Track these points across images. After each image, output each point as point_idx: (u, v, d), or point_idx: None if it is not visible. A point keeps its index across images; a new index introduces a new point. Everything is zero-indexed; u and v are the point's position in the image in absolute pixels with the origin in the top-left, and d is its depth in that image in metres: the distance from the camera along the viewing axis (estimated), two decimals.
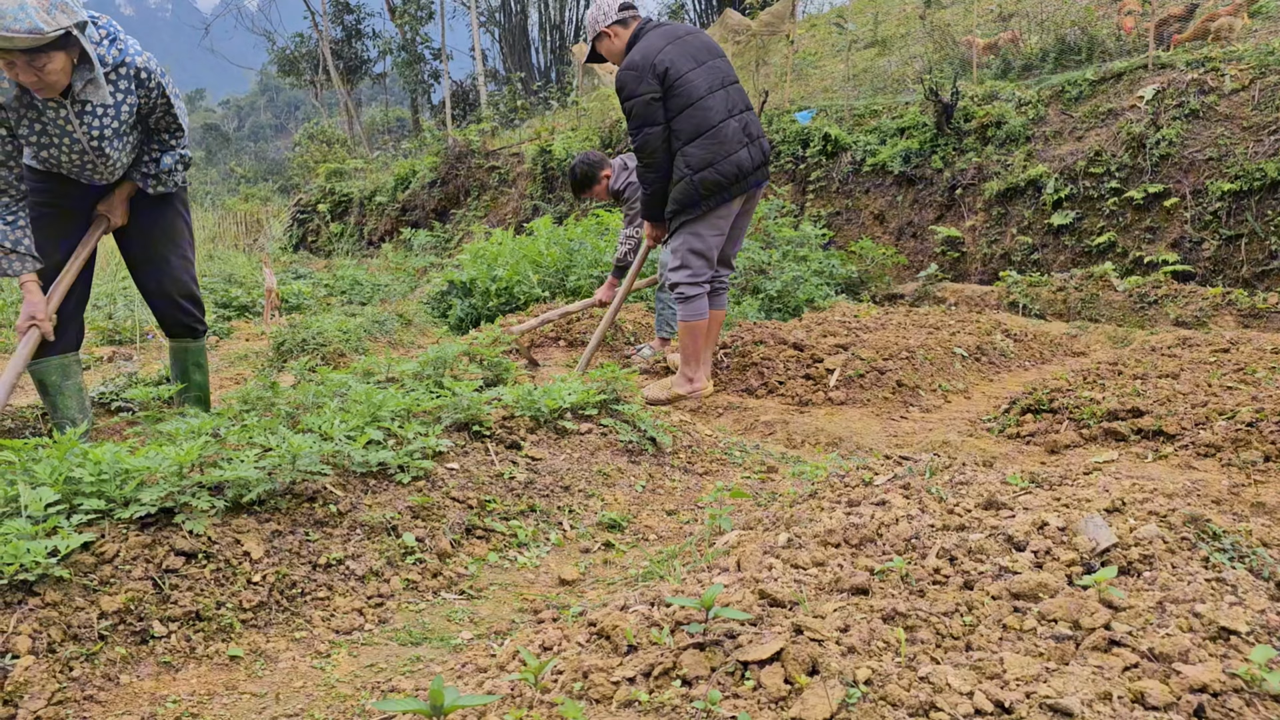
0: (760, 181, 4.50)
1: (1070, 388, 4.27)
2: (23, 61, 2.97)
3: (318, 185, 19.71)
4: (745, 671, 1.45)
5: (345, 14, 31.34)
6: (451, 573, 2.48)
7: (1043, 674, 1.42)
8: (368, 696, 1.86)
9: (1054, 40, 10.99)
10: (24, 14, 2.87)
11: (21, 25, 2.87)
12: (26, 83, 3.05)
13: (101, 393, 4.50)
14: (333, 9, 31.07)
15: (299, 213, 19.65)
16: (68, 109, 3.25)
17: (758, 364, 5.15)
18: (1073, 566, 1.77)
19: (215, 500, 2.34)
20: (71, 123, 3.28)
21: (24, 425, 4.01)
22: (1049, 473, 2.44)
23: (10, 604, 1.91)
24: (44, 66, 3.01)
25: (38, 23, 2.89)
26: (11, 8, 2.87)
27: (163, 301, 3.84)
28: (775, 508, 2.61)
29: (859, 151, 10.52)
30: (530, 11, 32.37)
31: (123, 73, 3.31)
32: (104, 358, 6.99)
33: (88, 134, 3.32)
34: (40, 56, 2.98)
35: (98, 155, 3.40)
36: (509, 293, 7.58)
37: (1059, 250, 8.81)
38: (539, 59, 32.75)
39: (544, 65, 32.48)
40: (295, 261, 16.52)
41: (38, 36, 2.90)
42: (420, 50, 30.48)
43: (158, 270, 3.79)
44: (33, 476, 2.26)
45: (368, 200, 17.89)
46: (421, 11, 29.32)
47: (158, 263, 3.78)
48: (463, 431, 3.22)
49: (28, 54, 2.96)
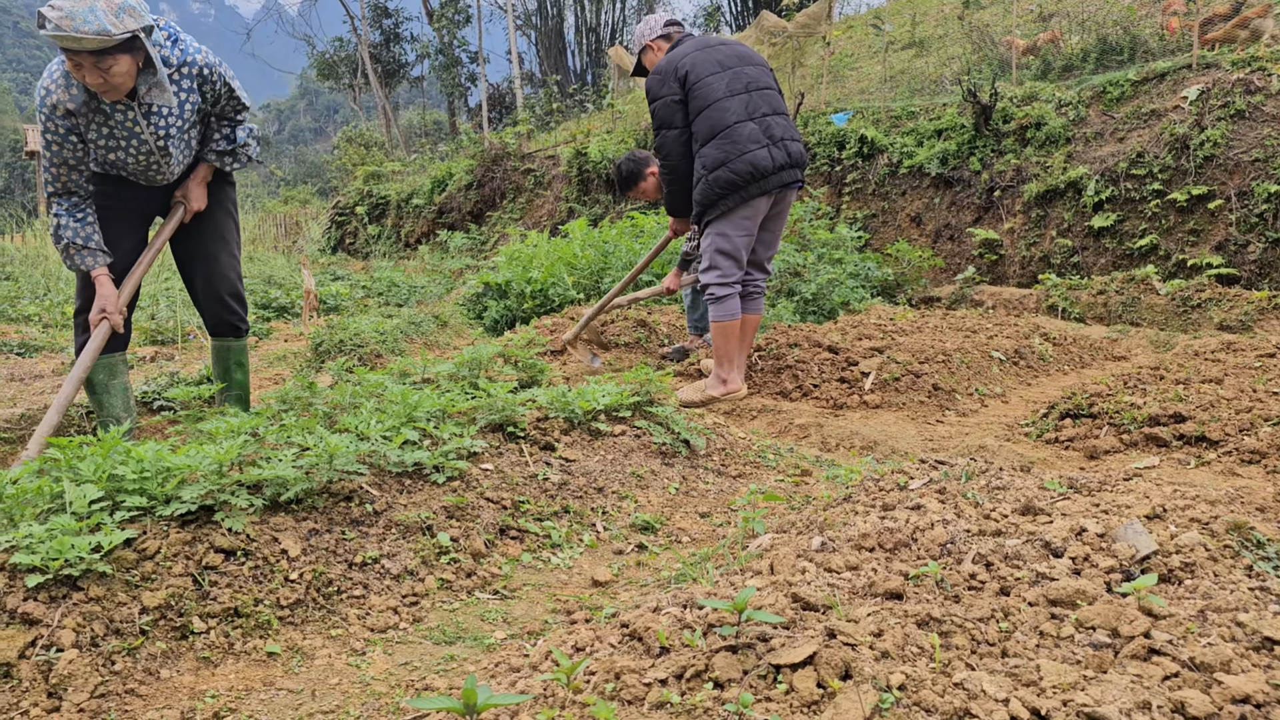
0: (789, 184, 4.48)
1: (1110, 392, 4.21)
2: (90, 63, 3.05)
3: (356, 188, 19.92)
4: (778, 675, 1.45)
5: (384, 18, 31.67)
6: (485, 573, 2.49)
7: (1080, 682, 1.40)
8: (402, 694, 1.87)
9: (1095, 40, 10.84)
10: (93, 16, 2.95)
11: (90, 27, 2.95)
12: (93, 84, 3.13)
13: (144, 392, 4.58)
14: (371, 13, 31.40)
15: (337, 215, 19.87)
16: (135, 111, 3.33)
17: (792, 367, 5.13)
18: (1112, 573, 1.75)
19: (254, 499, 2.37)
20: (139, 124, 3.36)
21: (69, 423, 4.09)
22: (1088, 478, 2.40)
23: (55, 598, 1.94)
24: (110, 68, 3.09)
25: (106, 25, 2.97)
26: (81, 10, 2.95)
27: (210, 299, 3.91)
28: (809, 511, 2.60)
29: (896, 153, 10.44)
30: (566, 14, 32.51)
31: (185, 72, 3.40)
32: (147, 357, 7.11)
33: (154, 134, 3.41)
34: (107, 58, 3.06)
35: (162, 155, 3.49)
36: (544, 295, 7.61)
37: (1099, 253, 8.69)
38: (575, 62, 32.86)
39: (580, 68, 32.59)
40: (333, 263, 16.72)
41: (105, 38, 2.98)
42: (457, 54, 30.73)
43: (207, 268, 3.85)
44: (78, 474, 2.30)
45: (405, 203, 18.05)
46: (459, 15, 29.55)
47: (208, 260, 3.85)
48: (497, 432, 3.24)
49: (95, 55, 3.04)
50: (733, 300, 4.56)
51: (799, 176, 4.51)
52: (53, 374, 6.21)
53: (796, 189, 4.62)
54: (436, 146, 24.78)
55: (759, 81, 4.51)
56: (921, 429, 4.30)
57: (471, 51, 31.00)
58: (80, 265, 3.47)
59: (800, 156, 4.50)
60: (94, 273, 3.46)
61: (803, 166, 4.54)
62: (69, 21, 2.94)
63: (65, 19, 2.94)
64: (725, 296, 4.55)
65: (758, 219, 4.51)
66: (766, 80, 4.56)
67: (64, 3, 2.97)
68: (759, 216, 4.51)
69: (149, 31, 3.14)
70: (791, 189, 4.57)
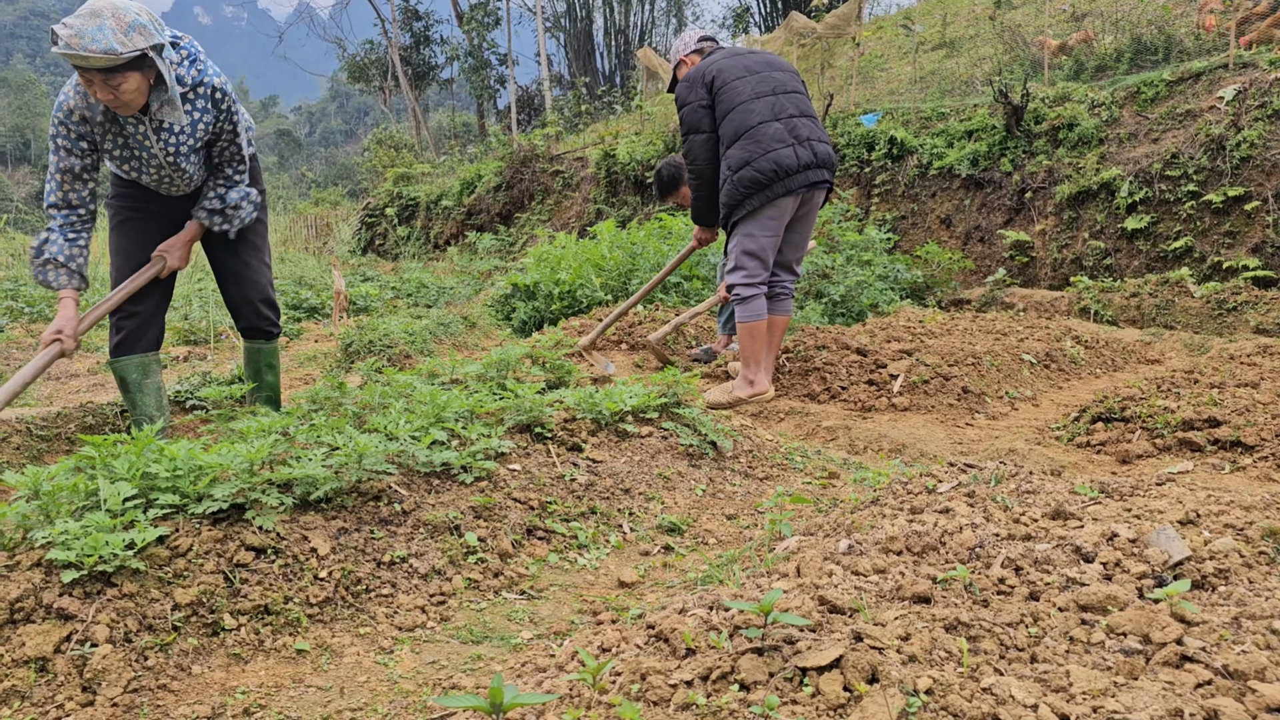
0: (816, 184, 4.45)
1: (1143, 396, 4.16)
2: (100, 80, 3.10)
3: (385, 189, 20.07)
4: (804, 678, 1.45)
5: (414, 21, 31.88)
6: (512, 573, 2.50)
7: (1111, 688, 1.39)
8: (429, 693, 1.88)
9: (1129, 40, 10.72)
10: (101, 35, 2.99)
11: (98, 46, 2.99)
12: (104, 100, 3.17)
13: (177, 391, 4.64)
14: (402, 16, 31.63)
15: (367, 216, 20.02)
16: (146, 125, 3.36)
17: (820, 369, 5.11)
18: (1143, 579, 1.73)
19: (284, 497, 2.40)
20: (149, 139, 3.40)
21: (104, 422, 4.15)
22: (1120, 483, 2.38)
23: (90, 594, 1.97)
24: (120, 86, 3.12)
25: (113, 44, 3.00)
26: (90, 28, 2.99)
27: (243, 305, 3.96)
28: (836, 514, 2.59)
29: (925, 154, 10.38)
30: (595, 17, 32.58)
31: (200, 92, 3.41)
32: (180, 357, 7.20)
33: (164, 150, 3.44)
34: (116, 76, 3.10)
35: (174, 170, 3.52)
36: (572, 296, 7.63)
37: (1133, 255, 8.59)
38: (604, 63, 32.93)
39: (609, 70, 32.65)
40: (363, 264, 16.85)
41: (113, 57, 3.01)
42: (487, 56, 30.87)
43: (239, 276, 3.91)
44: (112, 471, 2.33)
45: (434, 204, 18.16)
46: (488, 18, 29.69)
47: (239, 269, 3.90)
48: (525, 433, 3.25)
49: (104, 73, 3.08)
50: (758, 301, 4.55)
51: (826, 177, 4.48)
52: (87, 373, 6.31)
53: (825, 190, 4.59)
54: (466, 148, 24.92)
55: (786, 85, 4.52)
56: (950, 432, 4.27)
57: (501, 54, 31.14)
58: (51, 282, 3.44)
59: (828, 157, 4.47)
60: (61, 293, 3.44)
61: (831, 167, 4.51)
62: (78, 40, 2.98)
63: (74, 37, 2.98)
64: (751, 297, 4.54)
65: (784, 219, 4.49)
66: (794, 84, 4.57)
67: (75, 21, 3.01)
68: (785, 217, 4.49)
69: (159, 49, 3.17)
70: (819, 190, 4.54)
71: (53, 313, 10.16)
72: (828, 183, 4.54)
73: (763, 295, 4.56)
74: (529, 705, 1.53)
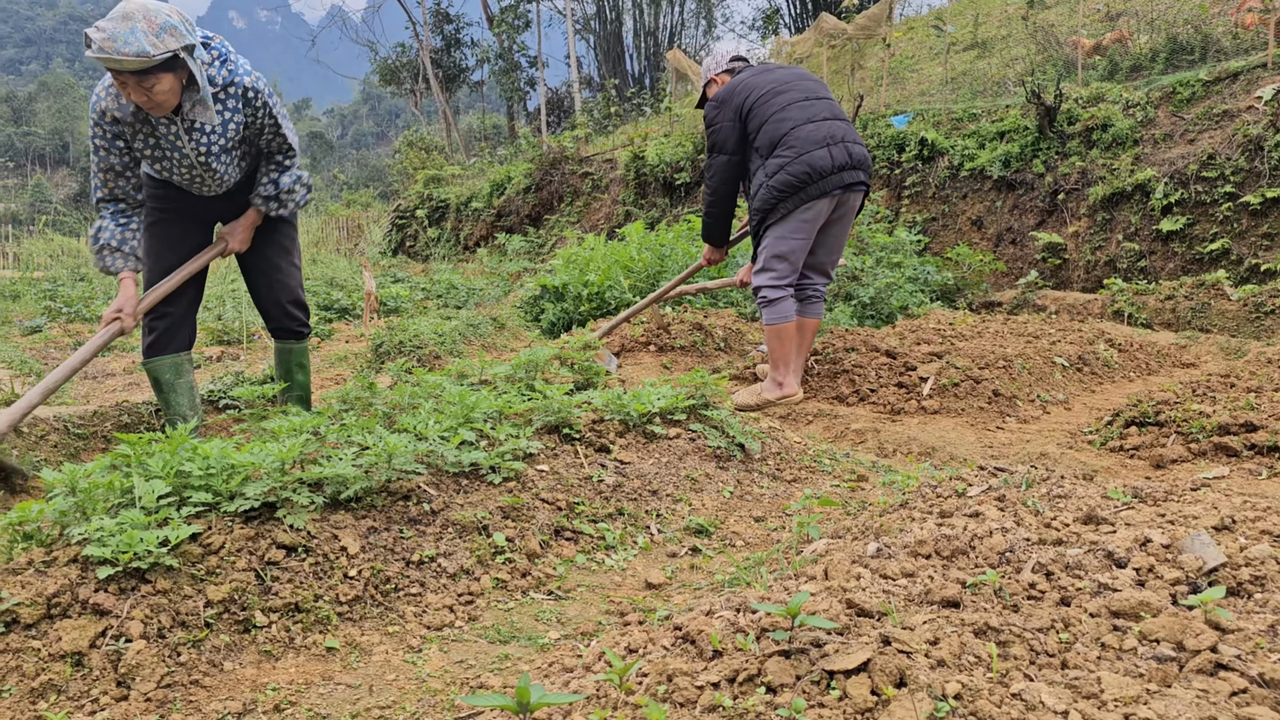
0: (851, 186, 4.43)
1: (1178, 400, 4.10)
2: (133, 82, 3.15)
3: (416, 191, 20.21)
4: (831, 681, 1.44)
5: (445, 24, 32.06)
6: (540, 573, 2.51)
7: (1143, 695, 1.37)
8: (457, 691, 1.89)
9: (1165, 40, 10.59)
10: (133, 37, 3.04)
11: (130, 49, 3.04)
12: (138, 101, 3.23)
13: (210, 390, 4.69)
14: (433, 19, 31.82)
15: (398, 218, 20.16)
16: (178, 126, 3.41)
17: (849, 371, 5.08)
18: (1177, 586, 1.70)
19: (315, 496, 2.42)
20: (181, 139, 3.45)
21: (139, 420, 4.21)
22: (1153, 488, 2.35)
23: (125, 590, 2.00)
24: (152, 87, 3.18)
25: (145, 46, 3.05)
26: (123, 32, 3.04)
27: (273, 307, 4.02)
28: (865, 517, 2.58)
29: (957, 156, 10.30)
30: (625, 19, 32.62)
31: (231, 92, 3.46)
32: (213, 357, 7.29)
33: (195, 150, 3.49)
34: (149, 78, 3.15)
35: (205, 170, 3.57)
36: (600, 298, 7.65)
37: (1168, 257, 8.48)
38: (633, 65, 32.97)
39: (638, 72, 32.69)
40: (394, 266, 16.97)
41: (145, 59, 3.06)
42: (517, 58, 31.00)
43: (269, 278, 3.97)
44: (147, 470, 2.36)
45: (464, 206, 18.26)
46: (519, 20, 29.81)
47: (269, 271, 3.96)
48: (553, 434, 3.26)
49: (137, 75, 3.13)
50: (785, 303, 4.53)
51: (862, 178, 4.45)
52: (124, 372, 6.40)
53: (861, 191, 4.55)
54: (495, 150, 25.04)
55: (816, 92, 4.53)
56: (981, 435, 4.23)
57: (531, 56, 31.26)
58: (110, 267, 3.57)
59: (862, 158, 4.45)
60: (120, 276, 3.57)
61: (866, 168, 4.48)
62: (110, 43, 3.03)
63: (107, 40, 3.04)
64: (777, 299, 4.52)
65: (817, 222, 4.47)
66: (824, 92, 4.59)
67: (107, 24, 3.07)
68: (819, 220, 4.47)
69: (191, 50, 3.22)
70: (855, 191, 4.51)
71: (90, 312, 10.31)
72: (863, 184, 4.51)
73: (790, 297, 4.54)
74: (556, 705, 1.53)
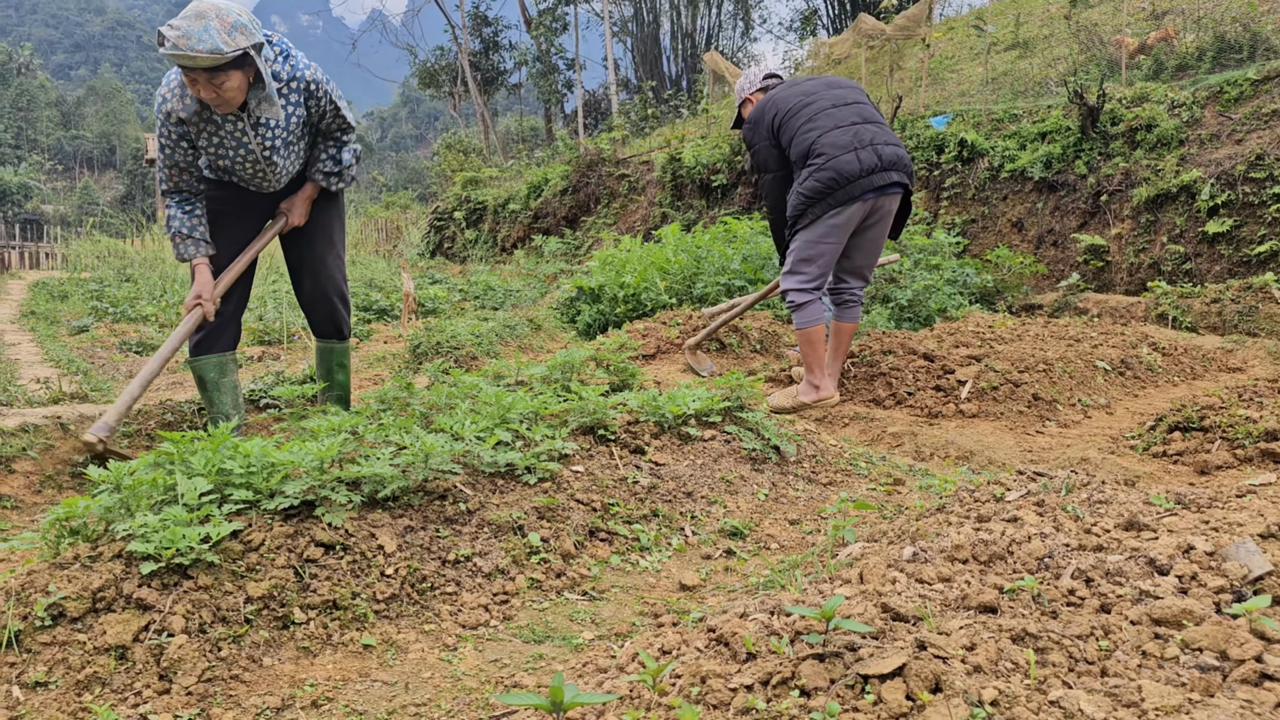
0: (881, 187, 4.37)
1: (1224, 405, 4.03)
2: (204, 78, 3.23)
3: (454, 193, 20.34)
4: (865, 685, 1.43)
5: (484, 26, 32.27)
6: (574, 573, 2.52)
7: (1185, 705, 1.35)
8: (492, 690, 1.91)
9: (1212, 38, 10.40)
10: (207, 35, 3.12)
11: (204, 45, 3.12)
12: (206, 98, 3.30)
13: (251, 390, 4.76)
14: (471, 22, 32.04)
15: (436, 220, 20.31)
16: (244, 122, 3.49)
17: (886, 374, 5.05)
18: (1221, 594, 1.67)
19: (353, 495, 2.45)
20: (247, 134, 3.53)
21: (182, 419, 4.27)
22: (1197, 494, 2.31)
23: (167, 585, 2.04)
24: (223, 84, 3.26)
25: (219, 43, 3.14)
26: (197, 29, 3.12)
27: (318, 300, 4.07)
28: (901, 521, 2.56)
29: (997, 157, 10.19)
30: (662, 21, 32.63)
31: (294, 87, 3.55)
32: (254, 357, 7.39)
33: (260, 145, 3.57)
34: (220, 75, 3.23)
35: (268, 165, 3.64)
36: (636, 299, 7.65)
37: (1214, 260, 8.33)
38: (670, 67, 32.96)
39: (675, 73, 32.68)
40: (432, 267, 17.10)
41: (218, 56, 3.14)
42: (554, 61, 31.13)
43: (314, 270, 4.02)
44: (189, 467, 2.40)
45: (501, 208, 18.35)
46: (557, 23, 29.94)
47: (315, 263, 4.01)
48: (588, 435, 3.27)
49: (209, 72, 3.21)
50: (813, 306, 4.52)
51: (896, 179, 4.39)
52: (167, 372, 6.51)
53: (895, 194, 4.48)
54: (533, 152, 25.14)
55: (845, 98, 4.50)
56: (1020, 440, 4.18)
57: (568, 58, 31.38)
58: (184, 254, 3.67)
59: (896, 159, 4.38)
60: (194, 262, 3.65)
61: (901, 169, 4.41)
62: (185, 40, 3.11)
63: (182, 38, 3.11)
64: (806, 303, 4.51)
65: (847, 227, 4.44)
66: (855, 96, 4.55)
67: (181, 23, 3.14)
68: (849, 225, 4.43)
69: (259, 48, 3.30)
70: (889, 194, 4.44)
71: (135, 312, 10.50)
72: (899, 185, 4.44)
73: (818, 300, 4.53)
74: (589, 705, 1.54)
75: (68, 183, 71.83)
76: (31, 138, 74.62)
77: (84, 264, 18.19)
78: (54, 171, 73.12)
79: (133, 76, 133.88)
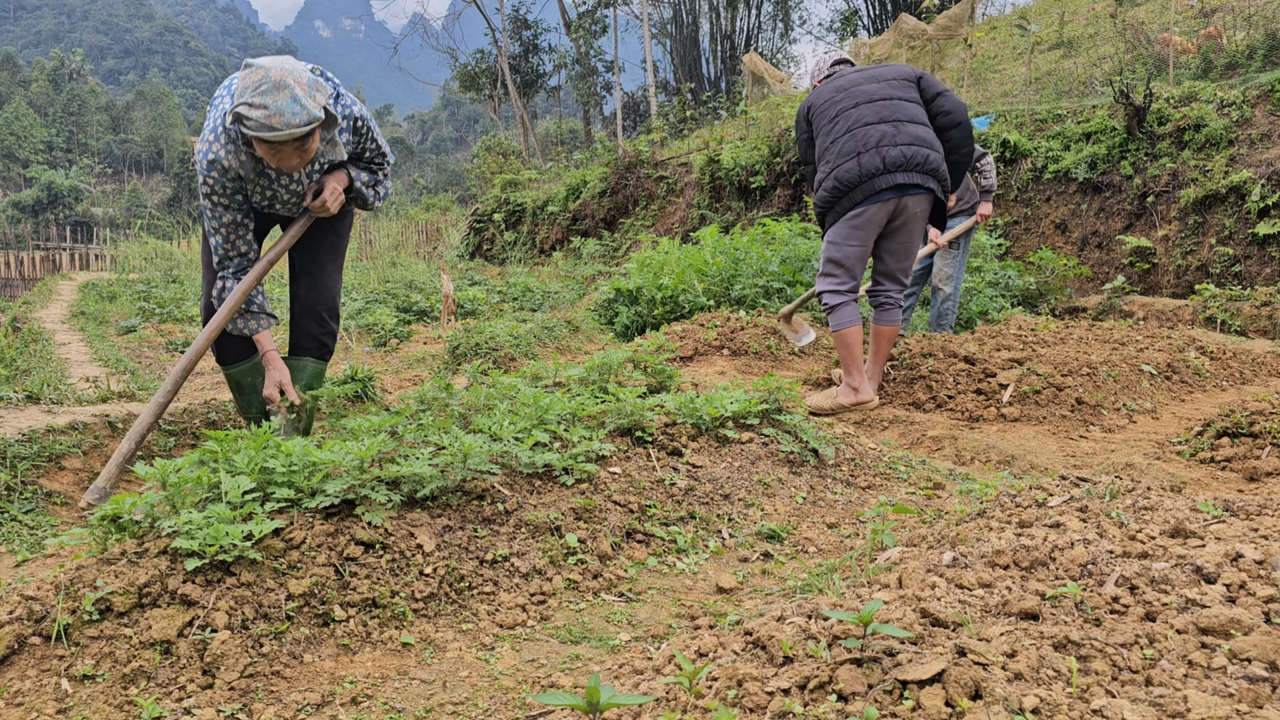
0: (905, 189, 4.32)
1: (1274, 410, 3.94)
2: (292, 148, 3.09)
3: (493, 195, 20.46)
4: (904, 691, 1.42)
5: (523, 29, 32.45)
6: (611, 575, 2.52)
7: (1232, 716, 1.32)
8: (528, 690, 1.91)
9: (1263, 36, 10.19)
10: (299, 106, 2.97)
11: (300, 118, 2.98)
12: (288, 166, 3.16)
13: None
14: (511, 25, 32.23)
15: (475, 222, 20.44)
16: (304, 168, 3.40)
17: (926, 377, 5.00)
18: (1270, 603, 1.64)
19: (392, 494, 2.47)
20: (302, 181, 3.48)
21: (226, 418, 4.34)
22: (1246, 501, 2.26)
23: (210, 582, 2.07)
24: (310, 146, 3.14)
25: (312, 110, 3.01)
26: (285, 104, 2.95)
27: (308, 311, 3.90)
28: (940, 525, 2.53)
29: (1040, 158, 10.06)
30: (701, 23, 32.61)
31: (344, 125, 3.45)
32: None
33: (309, 179, 3.52)
34: (309, 139, 3.11)
35: (304, 192, 3.58)
36: (674, 301, 7.65)
37: (1264, 262, 8.16)
38: (709, 69, 32.94)
39: (714, 75, 32.64)
40: (471, 268, 17.22)
41: (314, 122, 3.03)
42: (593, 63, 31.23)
43: (312, 278, 3.90)
44: (232, 466, 2.44)
45: (540, 210, 18.43)
46: (596, 25, 30.03)
47: (315, 272, 3.89)
48: (625, 436, 3.28)
49: (299, 140, 3.07)
50: (846, 308, 4.52)
51: (903, 180, 4.29)
52: (212, 371, 6.61)
53: (921, 194, 4.39)
54: (572, 155, 25.23)
55: (875, 94, 4.44)
56: (1063, 444, 4.12)
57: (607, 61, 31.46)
58: (244, 329, 3.58)
59: (921, 160, 4.29)
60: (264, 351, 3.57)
61: (923, 169, 4.31)
62: (279, 119, 2.95)
63: (274, 117, 2.94)
64: (839, 305, 4.53)
65: (869, 228, 4.42)
66: (887, 91, 4.45)
67: (263, 99, 2.95)
68: (871, 225, 4.41)
69: (332, 98, 3.22)
70: (912, 194, 4.36)
71: (181, 313, 10.67)
72: (921, 188, 4.35)
73: (852, 302, 4.53)
74: (626, 706, 1.54)
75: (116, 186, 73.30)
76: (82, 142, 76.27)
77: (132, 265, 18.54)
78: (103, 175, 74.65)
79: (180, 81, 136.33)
